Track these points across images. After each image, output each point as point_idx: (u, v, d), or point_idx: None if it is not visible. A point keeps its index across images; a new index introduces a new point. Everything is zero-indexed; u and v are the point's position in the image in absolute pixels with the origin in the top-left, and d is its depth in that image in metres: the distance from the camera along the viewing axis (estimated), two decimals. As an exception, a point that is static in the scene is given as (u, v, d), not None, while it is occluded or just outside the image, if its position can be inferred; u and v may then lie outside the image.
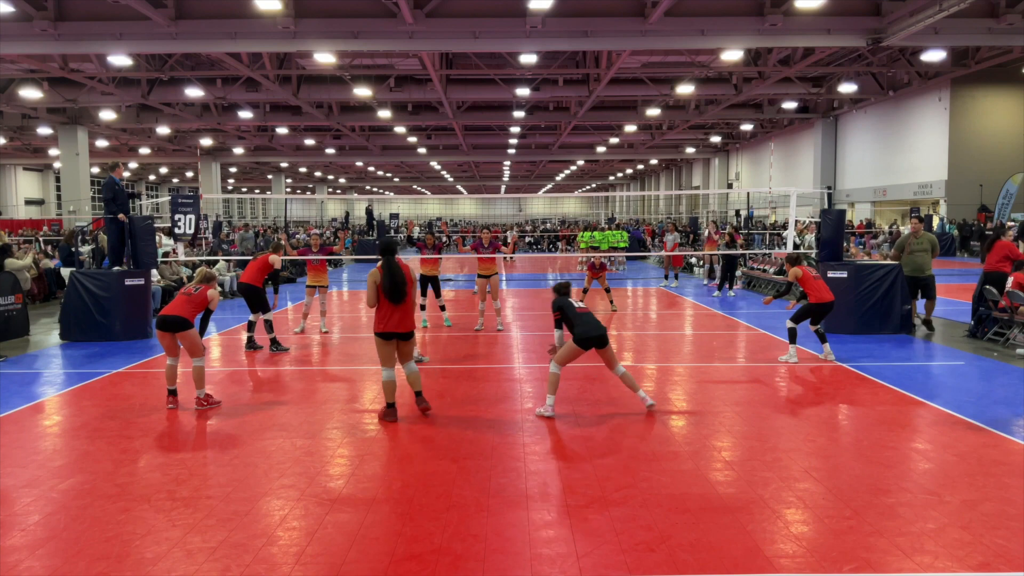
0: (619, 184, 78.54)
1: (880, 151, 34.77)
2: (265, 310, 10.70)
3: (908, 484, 5.35)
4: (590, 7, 17.79)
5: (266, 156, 46.08)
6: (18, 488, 5.39)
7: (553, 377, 7.15)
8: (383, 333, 6.93)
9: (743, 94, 28.42)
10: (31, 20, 16.92)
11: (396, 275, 6.86)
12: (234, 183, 71.10)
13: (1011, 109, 30.36)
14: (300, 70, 24.82)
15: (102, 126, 31.85)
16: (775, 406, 7.57)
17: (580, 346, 6.99)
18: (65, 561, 4.27)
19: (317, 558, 4.28)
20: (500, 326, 12.42)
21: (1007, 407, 7.36)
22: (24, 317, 12.31)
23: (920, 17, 16.25)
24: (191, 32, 17.53)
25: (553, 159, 51.02)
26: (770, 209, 38.36)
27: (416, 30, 17.49)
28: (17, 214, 48.56)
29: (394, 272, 6.87)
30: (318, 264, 12.23)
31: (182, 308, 7.41)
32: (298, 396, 8.10)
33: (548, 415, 7.08)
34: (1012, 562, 4.19)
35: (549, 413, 7.09)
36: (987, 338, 10.86)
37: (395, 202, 69.02)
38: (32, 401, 7.95)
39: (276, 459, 5.97)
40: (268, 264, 10.69)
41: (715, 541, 4.45)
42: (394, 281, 6.84)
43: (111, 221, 11.87)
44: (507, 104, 31.50)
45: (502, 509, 4.95)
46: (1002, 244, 11.25)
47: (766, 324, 12.65)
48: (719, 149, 49.55)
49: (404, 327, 6.96)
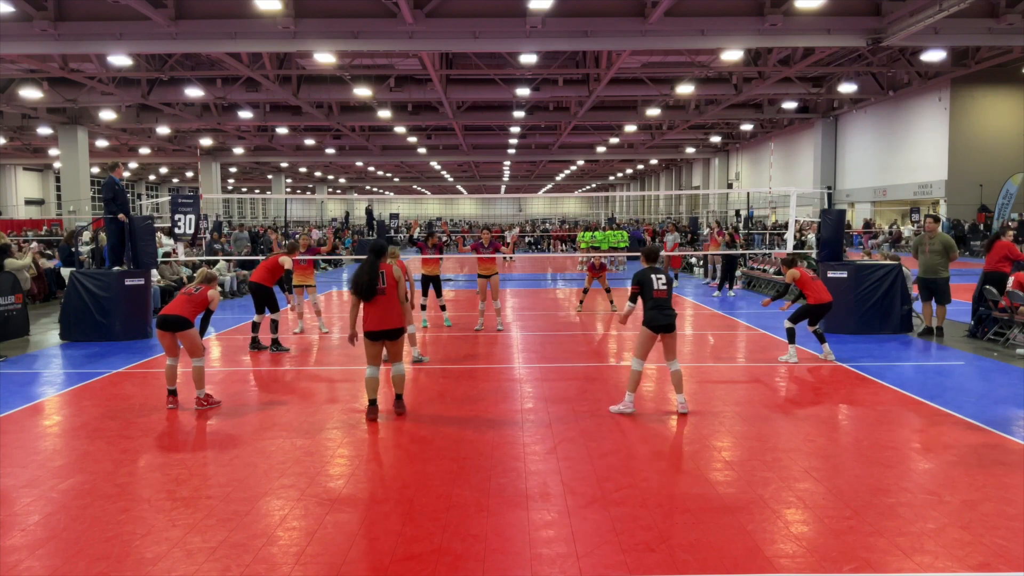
0: (619, 184, 78.53)
1: (880, 151, 34.77)
2: (273, 310, 10.72)
3: (908, 484, 5.35)
4: (590, 7, 17.79)
5: (266, 156, 46.07)
6: (18, 488, 5.39)
7: (635, 375, 7.10)
8: (366, 332, 7.05)
9: (743, 94, 28.42)
10: (31, 20, 16.91)
11: (370, 273, 6.94)
12: (234, 183, 71.09)
13: (1011, 109, 30.36)
14: (300, 70, 24.81)
15: (102, 126, 31.84)
16: (775, 406, 7.57)
17: (652, 331, 6.97)
18: (65, 561, 4.27)
19: (317, 558, 4.28)
20: (500, 326, 12.42)
21: (1007, 407, 7.36)
22: (24, 317, 12.31)
23: (920, 17, 16.24)
24: (191, 32, 17.52)
25: (553, 159, 51.01)
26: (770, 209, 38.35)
27: (416, 30, 17.48)
28: (17, 214, 48.56)
29: (370, 271, 6.96)
30: (304, 264, 12.25)
31: (182, 308, 7.41)
32: (298, 396, 8.10)
33: (628, 411, 7.07)
34: (1012, 562, 4.19)
35: (630, 410, 7.07)
36: (987, 338, 10.86)
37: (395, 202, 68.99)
38: (32, 401, 7.95)
39: (276, 459, 5.97)
40: (279, 265, 10.70)
41: (715, 541, 4.45)
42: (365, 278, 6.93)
43: (111, 221, 11.87)
44: (507, 104, 31.49)
45: (502, 509, 4.95)
46: (1002, 244, 11.24)
47: (766, 324, 12.65)
48: (719, 149, 49.53)
49: (383, 325, 6.97)
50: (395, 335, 7.08)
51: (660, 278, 7.04)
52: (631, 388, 7.14)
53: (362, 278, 6.95)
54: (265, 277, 10.65)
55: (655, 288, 7.00)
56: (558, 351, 10.60)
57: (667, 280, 7.06)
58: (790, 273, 9.55)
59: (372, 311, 7.00)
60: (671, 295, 7.08)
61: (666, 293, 7.02)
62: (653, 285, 7.01)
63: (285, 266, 10.73)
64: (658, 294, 6.99)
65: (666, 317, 6.95)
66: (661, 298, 6.99)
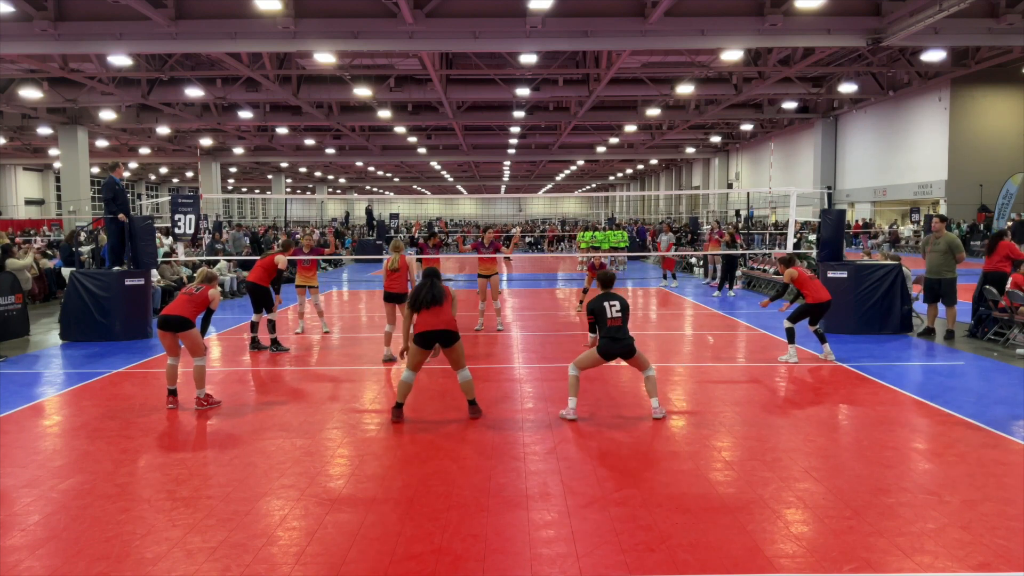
0: (619, 184, 78.53)
1: (880, 151, 34.77)
2: (269, 309, 10.72)
3: (908, 484, 5.35)
4: (590, 7, 17.79)
5: (266, 156, 46.07)
6: (18, 488, 5.39)
7: (573, 380, 7.08)
8: (415, 335, 6.98)
9: (743, 94, 28.41)
10: (31, 20, 16.91)
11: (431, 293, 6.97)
12: (234, 183, 71.09)
13: (1011, 109, 30.37)
14: (300, 70, 24.82)
15: (102, 126, 31.84)
16: (775, 406, 7.57)
17: (603, 357, 6.96)
18: (65, 561, 4.27)
19: (317, 558, 4.28)
20: (500, 326, 12.42)
21: (1007, 407, 7.36)
22: (24, 317, 12.31)
23: (920, 17, 16.25)
24: (191, 32, 17.52)
25: (553, 159, 51.01)
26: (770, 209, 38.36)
27: (416, 30, 17.48)
28: (17, 214, 48.56)
29: (434, 289, 6.99)
30: (308, 265, 12.25)
31: (183, 308, 7.42)
32: (298, 396, 8.10)
33: (571, 418, 7.02)
34: (1012, 562, 4.19)
35: (572, 416, 7.03)
36: (987, 338, 10.86)
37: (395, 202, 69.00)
38: (32, 401, 7.95)
39: (276, 459, 5.97)
40: (275, 264, 10.70)
41: (715, 541, 4.45)
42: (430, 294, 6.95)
43: (111, 221, 11.87)
44: (507, 104, 31.49)
45: (502, 509, 4.95)
46: (1005, 244, 11.21)
47: (766, 324, 12.65)
48: (719, 149, 49.53)
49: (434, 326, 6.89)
50: (448, 338, 6.96)
51: (614, 305, 6.96)
52: (572, 393, 7.08)
53: (423, 294, 6.95)
54: (261, 276, 10.65)
55: (609, 317, 6.93)
56: (558, 351, 10.60)
57: (621, 307, 6.99)
58: (788, 273, 9.55)
59: (423, 317, 6.95)
60: (626, 321, 7.01)
61: (620, 320, 6.95)
62: (607, 314, 6.93)
63: (280, 265, 10.74)
64: (612, 322, 6.92)
65: (621, 345, 6.90)
66: (615, 327, 6.91)
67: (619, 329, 6.93)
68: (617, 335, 6.90)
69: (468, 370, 7.12)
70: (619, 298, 7.06)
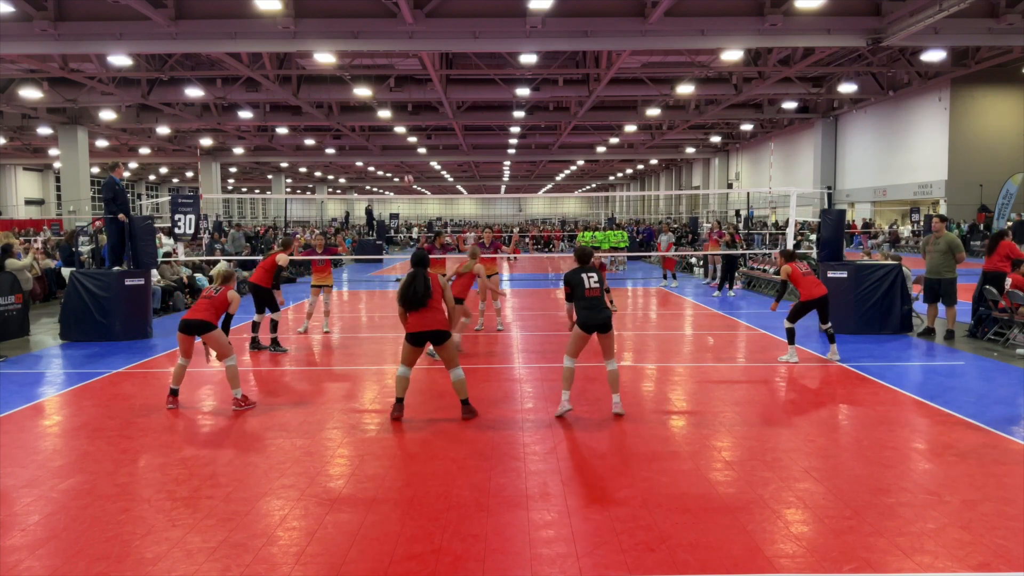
0: (619, 184, 78.53)
1: (880, 151, 34.77)
2: (273, 309, 10.71)
3: (908, 484, 5.35)
4: (590, 7, 17.79)
5: (266, 156, 46.07)
6: (18, 488, 5.39)
7: (567, 372, 7.06)
8: (407, 334, 6.97)
9: (743, 94, 28.41)
10: (31, 20, 16.91)
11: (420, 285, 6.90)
12: (234, 183, 71.09)
13: (1011, 109, 30.37)
14: (300, 70, 24.81)
15: (102, 126, 31.84)
16: (775, 406, 7.57)
17: (584, 331, 6.93)
18: (65, 561, 4.27)
19: (317, 558, 4.28)
20: (500, 326, 12.42)
21: (1007, 407, 7.35)
22: (24, 317, 12.30)
23: (920, 17, 16.24)
24: (191, 32, 17.52)
25: (553, 159, 51.01)
26: (770, 209, 38.35)
27: (416, 30, 17.49)
28: (17, 214, 48.56)
29: (418, 282, 6.92)
30: (323, 265, 12.23)
31: (205, 311, 7.40)
32: (298, 396, 8.10)
33: (567, 408, 7.02)
34: (1012, 562, 4.19)
35: (567, 407, 7.03)
36: (987, 338, 10.85)
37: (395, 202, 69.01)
38: (32, 401, 7.95)
39: (276, 459, 5.97)
40: (276, 264, 10.69)
41: (715, 541, 4.45)
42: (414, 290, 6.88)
43: (111, 221, 11.87)
44: (507, 104, 31.49)
45: (502, 509, 4.94)
46: (1005, 244, 11.19)
47: (766, 324, 12.65)
48: (719, 149, 49.53)
49: (426, 326, 6.90)
50: (439, 337, 6.96)
51: (592, 276, 6.98)
52: (566, 386, 7.08)
53: (409, 291, 6.88)
54: (263, 277, 10.64)
55: (586, 287, 6.94)
56: (558, 351, 10.58)
57: (599, 279, 7.01)
58: (783, 269, 9.55)
59: (413, 317, 6.94)
60: (604, 294, 7.03)
61: (598, 291, 6.95)
62: (584, 284, 6.95)
63: (281, 263, 10.73)
64: (590, 292, 6.92)
65: (599, 316, 6.89)
66: (593, 296, 6.92)
67: (598, 300, 6.96)
68: (596, 305, 6.92)
69: (461, 369, 7.09)
70: (596, 270, 7.10)
